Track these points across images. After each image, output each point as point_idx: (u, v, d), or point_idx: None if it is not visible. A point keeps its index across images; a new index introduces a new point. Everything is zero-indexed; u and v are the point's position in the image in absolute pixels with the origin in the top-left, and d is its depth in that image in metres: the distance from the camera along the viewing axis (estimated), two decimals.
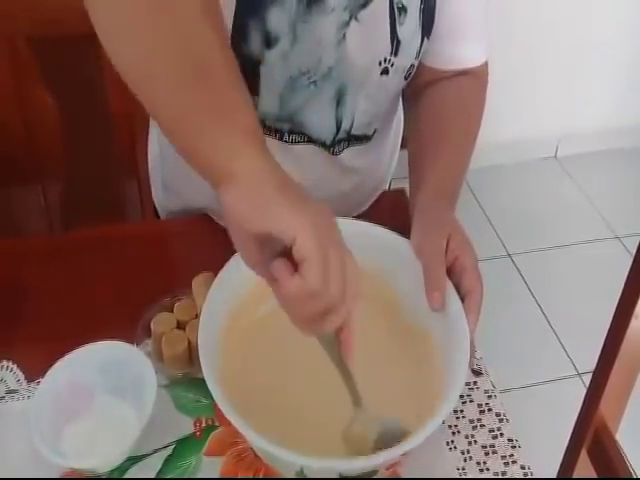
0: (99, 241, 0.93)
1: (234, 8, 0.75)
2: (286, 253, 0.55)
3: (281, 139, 0.87)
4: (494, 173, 2.74)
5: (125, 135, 1.10)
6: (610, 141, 2.83)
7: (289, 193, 0.55)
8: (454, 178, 0.85)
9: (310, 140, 0.88)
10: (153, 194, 1.08)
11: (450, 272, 0.73)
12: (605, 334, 0.95)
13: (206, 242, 0.90)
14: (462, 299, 0.71)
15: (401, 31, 0.83)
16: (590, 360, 1.06)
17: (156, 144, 1.05)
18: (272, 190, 0.55)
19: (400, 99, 1.00)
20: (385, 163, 1.05)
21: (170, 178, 1.04)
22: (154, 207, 1.08)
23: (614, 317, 0.91)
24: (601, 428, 0.94)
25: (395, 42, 0.83)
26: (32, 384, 0.77)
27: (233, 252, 0.62)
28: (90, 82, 1.08)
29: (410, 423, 0.63)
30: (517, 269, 2.41)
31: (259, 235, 0.55)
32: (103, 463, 0.69)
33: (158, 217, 1.09)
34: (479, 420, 0.79)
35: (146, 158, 1.07)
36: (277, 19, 0.76)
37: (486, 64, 0.96)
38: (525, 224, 2.54)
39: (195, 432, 0.74)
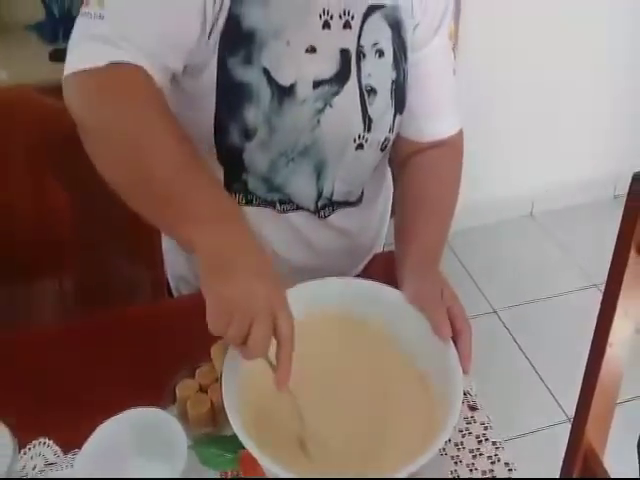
0: (117, 321, 1.01)
1: (214, 108, 0.87)
2: None
3: (274, 208, 0.97)
4: (475, 234, 2.86)
5: (137, 222, 1.20)
6: (583, 195, 2.98)
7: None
8: (437, 241, 0.95)
9: (299, 207, 0.98)
10: (168, 274, 1.18)
11: None
12: None
13: None
14: (455, 340, 0.80)
15: (372, 110, 0.94)
16: None
17: None
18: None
19: (388, 168, 1.11)
20: (375, 226, 1.14)
21: (182, 263, 1.14)
22: (168, 287, 1.18)
23: (591, 347, 1.00)
24: (589, 455, 1.02)
25: (367, 120, 0.94)
26: (69, 455, 0.84)
27: None
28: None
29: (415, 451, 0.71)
30: (503, 323, 2.50)
31: None
32: None
33: (172, 296, 1.18)
34: (478, 449, 0.87)
35: (160, 242, 1.17)
36: (253, 116, 0.87)
37: (461, 132, 1.07)
38: (507, 280, 2.65)
39: None
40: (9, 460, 0.73)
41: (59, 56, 1.85)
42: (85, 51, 0.80)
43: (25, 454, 0.83)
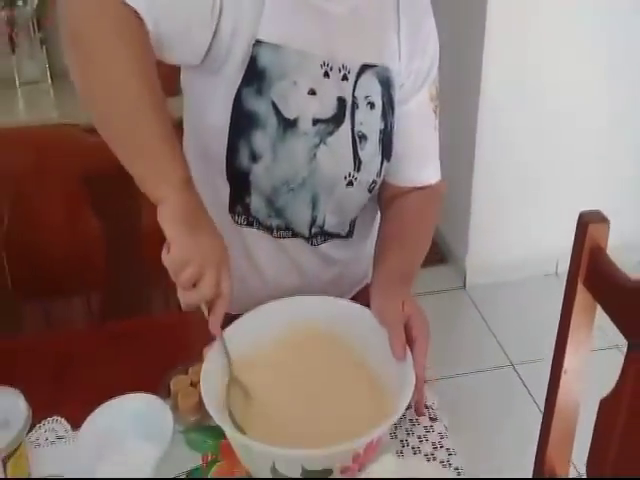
0: (130, 327, 1.17)
1: (227, 131, 1.02)
2: None
3: (271, 234, 1.11)
4: (497, 289, 2.93)
5: (156, 246, 1.36)
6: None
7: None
8: (405, 266, 1.07)
9: (294, 234, 1.12)
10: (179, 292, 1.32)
11: (405, 326, 0.94)
12: None
13: None
14: (410, 347, 0.93)
15: (362, 153, 1.09)
16: None
17: None
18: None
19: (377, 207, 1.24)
20: (366, 259, 1.26)
21: None
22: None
23: (551, 371, 1.11)
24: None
25: (357, 161, 1.09)
26: (76, 431, 0.98)
27: None
28: (130, 205, 1.36)
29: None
30: (520, 378, 2.56)
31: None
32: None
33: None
34: (432, 454, 0.98)
35: None
36: (260, 141, 1.02)
37: (442, 181, 1.21)
38: (527, 336, 2.71)
39: (202, 464, 0.94)
40: (23, 422, 0.87)
41: None
42: None
43: (40, 428, 0.98)
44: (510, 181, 2.78)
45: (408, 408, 0.95)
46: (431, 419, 1.03)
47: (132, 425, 0.95)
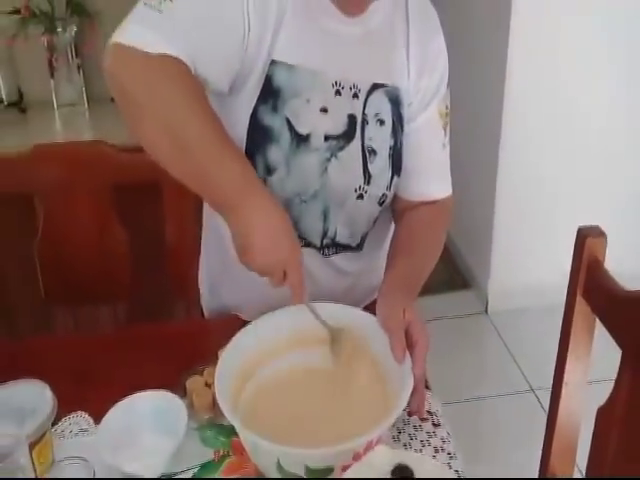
0: (153, 333, 1.24)
1: (244, 145, 1.09)
2: None
3: None
4: (519, 315, 2.94)
5: (178, 259, 1.44)
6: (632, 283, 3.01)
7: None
8: (410, 275, 1.12)
9: (307, 244, 1.18)
10: (201, 298, 1.40)
11: (406, 332, 0.99)
12: None
13: (233, 334, 1.20)
14: (410, 350, 0.98)
15: (372, 167, 1.14)
16: None
17: (206, 263, 1.37)
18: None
19: (392, 221, 1.29)
20: (377, 272, 1.28)
21: (216, 285, 1.35)
22: (201, 310, 1.40)
23: (552, 383, 1.14)
24: None
25: (367, 175, 1.15)
26: (98, 425, 1.04)
27: None
28: (155, 219, 1.44)
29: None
30: (540, 403, 2.57)
31: None
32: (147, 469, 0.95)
33: (203, 316, 1.41)
34: (434, 457, 1.02)
35: (196, 274, 1.39)
36: (275, 154, 1.09)
37: (450, 197, 1.26)
38: (548, 361, 2.71)
39: (214, 459, 1.00)
40: (48, 412, 0.94)
41: None
42: (139, 32, 0.95)
43: (65, 421, 1.05)
44: (533, 207, 2.79)
45: (409, 413, 1.03)
46: (434, 425, 1.07)
47: (150, 420, 1.01)
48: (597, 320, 1.07)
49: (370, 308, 1.29)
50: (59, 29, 2.31)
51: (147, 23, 0.96)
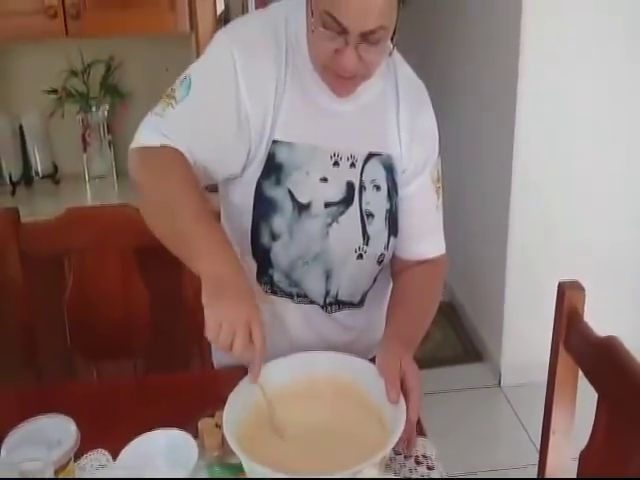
0: (170, 382, 1.34)
1: (251, 216, 1.20)
2: None
3: (292, 300, 1.27)
4: (532, 388, 2.95)
5: (195, 318, 1.55)
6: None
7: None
8: (408, 329, 1.22)
9: (311, 302, 1.28)
10: (212, 355, 1.50)
11: (401, 379, 1.08)
12: None
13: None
14: (406, 397, 1.06)
15: (370, 229, 1.25)
16: None
17: None
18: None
19: (390, 279, 1.39)
20: (379, 327, 1.36)
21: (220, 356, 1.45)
22: (212, 364, 1.50)
23: (541, 435, 1.21)
24: None
25: (366, 237, 1.25)
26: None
27: None
28: (174, 280, 1.55)
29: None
30: None
31: None
32: None
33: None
34: None
35: None
36: (278, 222, 1.20)
37: (443, 255, 1.36)
38: None
39: None
40: (72, 442, 1.04)
41: None
42: (146, 135, 1.14)
43: (86, 457, 1.14)
44: (544, 280, 2.82)
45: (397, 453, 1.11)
46: (429, 468, 1.15)
47: (162, 454, 1.09)
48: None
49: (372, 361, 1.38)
50: (93, 108, 2.48)
51: (151, 127, 1.15)
